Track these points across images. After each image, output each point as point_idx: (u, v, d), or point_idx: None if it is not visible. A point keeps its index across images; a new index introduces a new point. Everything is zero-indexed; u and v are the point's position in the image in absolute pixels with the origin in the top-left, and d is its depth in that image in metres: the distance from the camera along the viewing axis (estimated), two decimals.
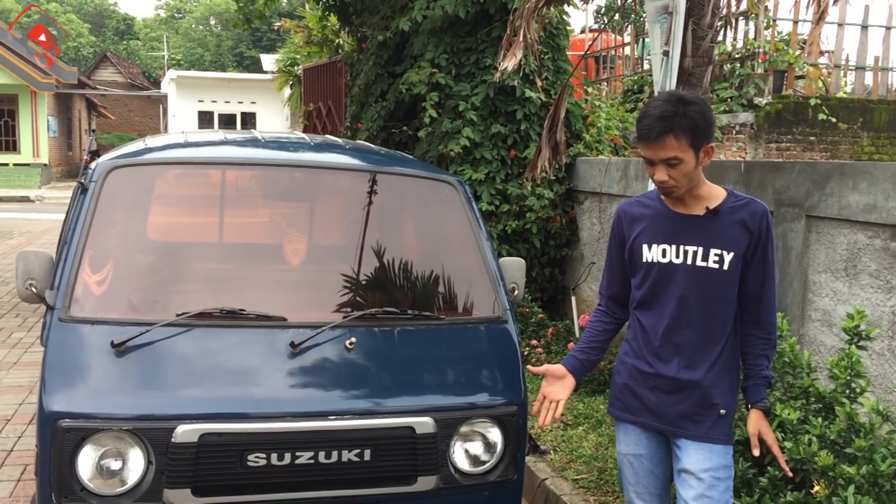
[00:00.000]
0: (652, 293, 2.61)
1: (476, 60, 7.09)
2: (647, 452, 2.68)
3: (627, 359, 2.70)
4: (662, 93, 2.95)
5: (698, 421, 2.55)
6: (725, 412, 2.56)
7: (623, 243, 2.70)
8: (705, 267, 2.51)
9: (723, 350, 2.56)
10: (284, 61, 17.43)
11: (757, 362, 2.60)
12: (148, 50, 57.04)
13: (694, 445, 2.55)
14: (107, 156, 3.38)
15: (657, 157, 2.45)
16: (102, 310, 2.83)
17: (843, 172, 4.22)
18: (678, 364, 2.56)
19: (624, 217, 2.72)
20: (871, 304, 4.07)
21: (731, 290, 2.53)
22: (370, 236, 3.36)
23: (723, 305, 2.54)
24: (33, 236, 14.26)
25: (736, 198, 2.55)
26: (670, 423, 2.59)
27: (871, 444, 2.87)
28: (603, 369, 5.71)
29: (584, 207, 7.19)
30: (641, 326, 2.66)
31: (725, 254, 2.50)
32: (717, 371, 2.55)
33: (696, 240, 2.53)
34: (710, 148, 2.48)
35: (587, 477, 4.24)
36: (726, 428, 2.57)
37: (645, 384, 2.63)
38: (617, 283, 2.79)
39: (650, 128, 2.44)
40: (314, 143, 3.92)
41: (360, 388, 2.84)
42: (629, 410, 2.69)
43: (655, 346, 2.60)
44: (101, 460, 2.53)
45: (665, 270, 2.57)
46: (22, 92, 26.38)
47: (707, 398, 2.55)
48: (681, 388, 2.56)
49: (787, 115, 8.44)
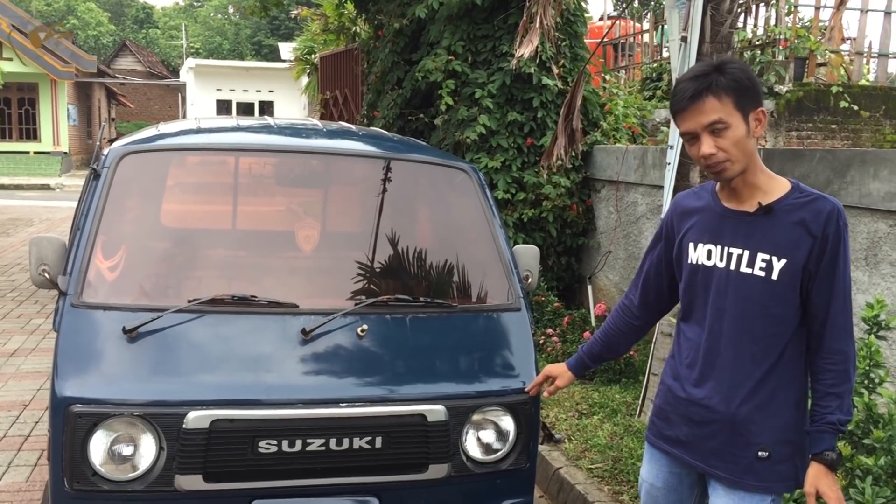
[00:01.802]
0: (693, 301, 2.28)
1: (492, 48, 7.05)
2: (664, 487, 2.40)
3: (666, 379, 2.38)
4: (699, 62, 2.70)
5: (730, 461, 2.19)
6: (768, 455, 2.14)
7: (671, 239, 2.35)
8: (750, 274, 2.13)
9: (767, 377, 2.14)
10: (301, 49, 17.44)
11: (823, 402, 2.11)
12: (167, 39, 57.29)
13: (724, 490, 2.20)
14: (119, 142, 3.38)
15: (698, 123, 2.08)
16: (114, 295, 2.83)
17: (863, 160, 4.15)
18: (710, 388, 2.20)
19: (676, 209, 2.36)
20: (891, 293, 4.01)
21: (781, 304, 2.11)
22: (383, 223, 3.34)
23: (769, 323, 2.13)
24: (53, 224, 14.37)
25: (801, 193, 2.12)
26: (702, 459, 2.24)
27: (889, 434, 2.83)
28: (619, 358, 5.68)
29: (601, 196, 7.14)
30: (681, 342, 2.34)
31: (775, 260, 2.09)
32: (757, 403, 2.15)
33: (742, 241, 2.15)
34: (762, 112, 2.09)
35: (602, 466, 4.21)
36: (767, 474, 2.16)
37: (678, 410, 2.30)
38: (646, 279, 2.47)
39: (683, 90, 2.10)
40: (327, 130, 3.91)
41: (371, 376, 2.83)
42: (663, 438, 2.36)
43: (689, 366, 2.27)
44: (113, 446, 2.54)
45: (708, 275, 2.21)
46: (42, 81, 26.55)
47: (741, 435, 2.17)
48: (711, 419, 2.21)
49: (808, 102, 8.33)
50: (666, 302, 2.49)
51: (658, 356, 4.74)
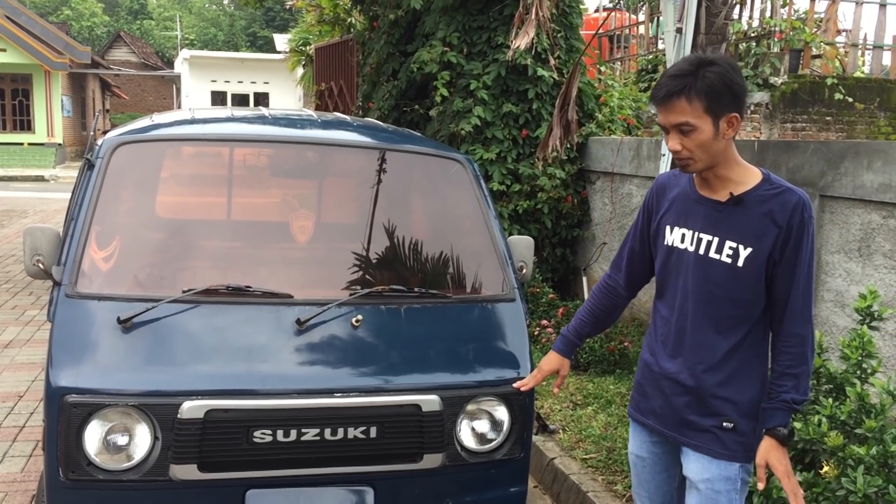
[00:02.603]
0: (666, 281, 2.41)
1: (488, 39, 7.04)
2: (649, 457, 2.53)
3: (644, 354, 2.52)
4: (690, 55, 2.72)
5: (698, 430, 2.34)
6: (733, 426, 2.29)
7: (651, 217, 2.47)
8: (717, 260, 2.25)
9: (731, 355, 2.28)
10: (296, 41, 17.36)
11: (779, 381, 2.24)
12: (161, 30, 57.03)
13: (694, 454, 2.36)
14: (113, 132, 3.37)
15: (668, 121, 2.19)
16: (109, 286, 2.83)
17: (857, 152, 4.16)
18: (680, 363, 2.35)
19: (658, 188, 2.48)
20: (884, 284, 4.02)
21: (745, 290, 2.24)
22: (378, 214, 3.34)
23: (731, 306, 2.26)
24: (48, 215, 14.33)
25: (770, 185, 2.23)
26: (675, 429, 2.40)
27: (881, 424, 2.84)
28: (613, 349, 5.70)
29: (596, 187, 7.14)
30: (656, 319, 2.47)
31: (741, 248, 2.22)
32: (720, 379, 2.29)
33: (713, 228, 2.27)
34: (735, 118, 2.17)
35: (596, 456, 4.23)
36: (731, 444, 2.30)
37: (653, 384, 2.44)
38: (631, 257, 2.58)
39: (661, 86, 2.20)
40: (322, 121, 3.90)
41: (366, 366, 2.83)
42: (640, 410, 2.52)
43: (663, 342, 2.41)
44: (108, 435, 2.54)
45: (681, 257, 2.34)
46: (36, 72, 26.42)
47: (707, 406, 2.31)
48: (682, 392, 2.35)
49: (803, 94, 8.34)
50: (648, 275, 2.60)
51: None
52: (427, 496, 2.86)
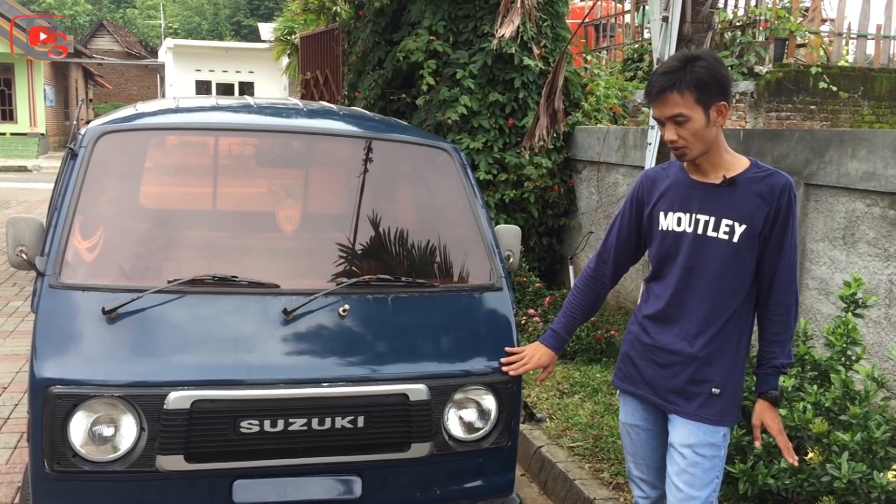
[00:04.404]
0: (663, 262, 2.56)
1: (474, 28, 7.02)
2: (644, 424, 2.66)
3: (632, 328, 2.68)
4: (677, 53, 2.91)
5: (688, 397, 2.50)
6: (720, 392, 2.47)
7: (641, 207, 2.63)
8: (715, 238, 2.43)
9: (724, 326, 2.47)
10: (282, 30, 17.27)
11: (769, 349, 2.49)
12: (145, 18, 56.42)
13: (682, 421, 2.51)
14: (97, 121, 3.34)
15: (663, 114, 2.39)
16: (93, 276, 2.80)
17: (842, 140, 4.18)
18: (675, 335, 2.51)
19: (646, 180, 2.65)
20: (868, 272, 4.05)
21: (740, 264, 2.43)
22: (364, 203, 3.33)
23: (728, 279, 2.44)
24: (30, 206, 14.21)
25: (759, 169, 2.45)
26: (663, 397, 2.55)
27: (865, 411, 2.87)
28: (600, 338, 5.72)
29: (583, 176, 7.15)
30: (648, 297, 2.63)
31: (737, 225, 2.41)
32: (714, 347, 2.47)
33: (709, 209, 2.45)
34: (724, 107, 2.38)
35: (583, 445, 4.24)
36: (718, 409, 2.48)
37: (644, 355, 2.60)
38: (617, 247, 2.72)
39: (653, 83, 2.40)
40: (308, 110, 3.88)
41: (353, 355, 2.82)
42: (629, 381, 2.66)
43: (656, 316, 2.56)
44: (94, 427, 2.52)
45: (678, 239, 2.50)
46: (18, 61, 26.14)
47: (699, 373, 2.48)
48: (674, 361, 2.51)
49: (788, 83, 8.37)
50: (630, 263, 2.79)
51: None
52: (415, 485, 2.86)
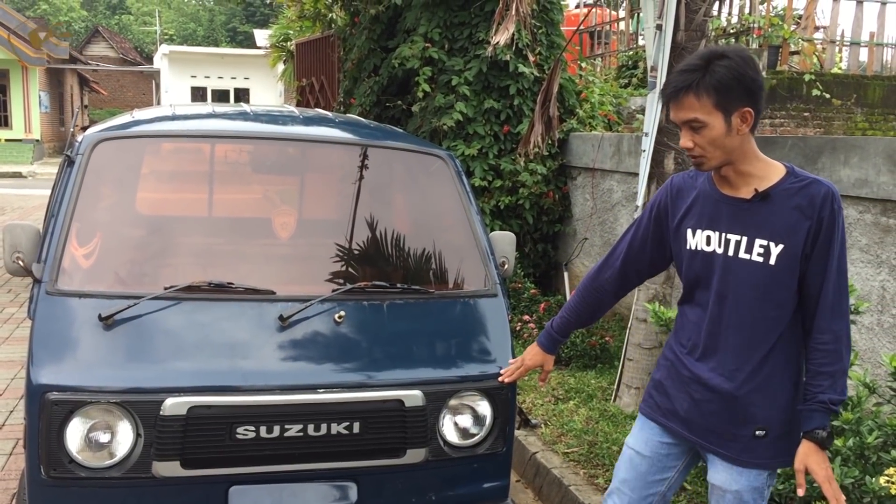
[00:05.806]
0: (694, 286, 2.31)
1: (469, 35, 7.04)
2: (652, 457, 2.43)
3: (668, 353, 2.42)
4: (702, 49, 2.63)
5: (728, 439, 2.25)
6: (764, 434, 2.21)
7: (663, 218, 2.39)
8: (748, 260, 2.16)
9: (766, 359, 2.19)
10: (277, 36, 17.26)
11: (815, 381, 2.15)
12: (140, 25, 56.51)
13: (722, 464, 2.27)
14: (94, 128, 3.35)
15: (678, 118, 2.13)
16: (90, 283, 2.81)
17: (834, 147, 4.21)
18: (712, 369, 2.25)
19: (672, 189, 2.38)
20: (860, 278, 4.07)
21: (781, 289, 2.15)
22: (360, 210, 3.34)
23: (768, 307, 2.17)
24: (26, 212, 14.18)
25: (796, 178, 2.15)
26: (701, 435, 2.30)
27: (858, 416, 2.88)
28: (595, 344, 5.73)
29: (577, 183, 7.17)
30: (685, 322, 2.37)
31: (773, 246, 2.13)
32: (757, 383, 2.20)
33: (740, 228, 2.17)
34: (749, 113, 2.09)
35: (577, 450, 4.26)
36: (763, 452, 2.23)
37: (679, 386, 2.34)
38: (627, 258, 2.49)
39: (669, 83, 2.15)
40: (304, 117, 3.90)
41: (349, 362, 2.83)
42: (660, 412, 2.40)
43: (693, 345, 2.31)
44: (90, 433, 2.53)
45: (709, 260, 2.24)
46: (13, 67, 26.15)
47: (740, 413, 2.22)
48: (712, 398, 2.25)
49: (781, 90, 8.40)
50: (644, 277, 2.56)
51: (633, 342, 4.79)
52: (410, 491, 2.87)
